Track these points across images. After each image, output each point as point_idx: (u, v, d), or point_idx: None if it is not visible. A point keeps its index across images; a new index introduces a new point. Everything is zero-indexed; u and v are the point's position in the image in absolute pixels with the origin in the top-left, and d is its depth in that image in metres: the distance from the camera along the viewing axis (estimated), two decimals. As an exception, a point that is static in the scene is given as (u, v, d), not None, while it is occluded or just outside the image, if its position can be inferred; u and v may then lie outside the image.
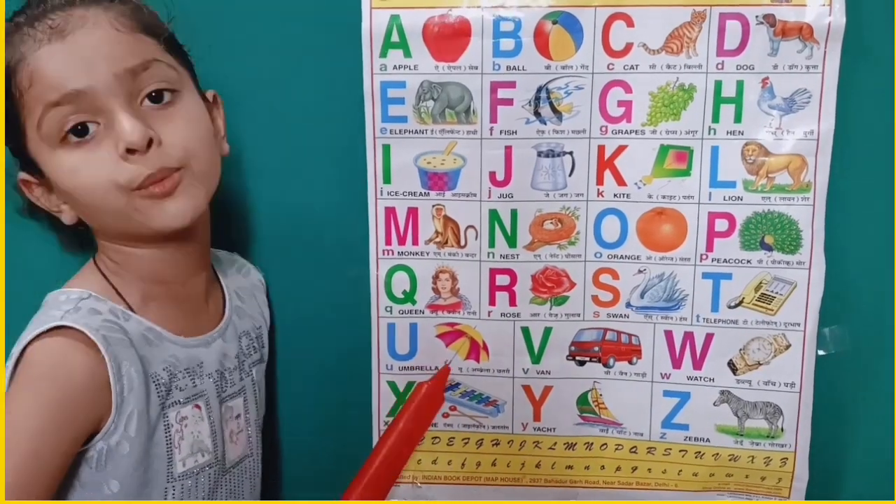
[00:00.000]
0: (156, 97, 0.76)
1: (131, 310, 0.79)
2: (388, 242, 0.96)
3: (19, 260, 0.95)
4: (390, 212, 0.96)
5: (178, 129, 0.77)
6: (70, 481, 0.74)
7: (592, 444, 1.00)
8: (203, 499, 0.82)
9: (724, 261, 0.94)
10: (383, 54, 0.91)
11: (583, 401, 0.99)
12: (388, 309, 0.98)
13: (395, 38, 0.90)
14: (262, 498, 0.94)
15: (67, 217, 0.80)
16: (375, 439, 1.00)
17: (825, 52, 0.87)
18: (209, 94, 0.86)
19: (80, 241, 0.89)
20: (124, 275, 0.81)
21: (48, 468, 0.69)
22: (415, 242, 0.96)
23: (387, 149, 0.94)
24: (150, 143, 0.74)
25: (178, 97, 0.78)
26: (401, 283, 0.97)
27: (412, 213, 0.95)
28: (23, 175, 0.80)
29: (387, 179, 0.95)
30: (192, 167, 0.77)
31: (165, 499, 0.79)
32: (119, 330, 0.76)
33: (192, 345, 0.83)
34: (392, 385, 0.99)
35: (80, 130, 0.74)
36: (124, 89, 0.74)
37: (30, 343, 0.73)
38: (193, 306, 0.86)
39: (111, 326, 0.75)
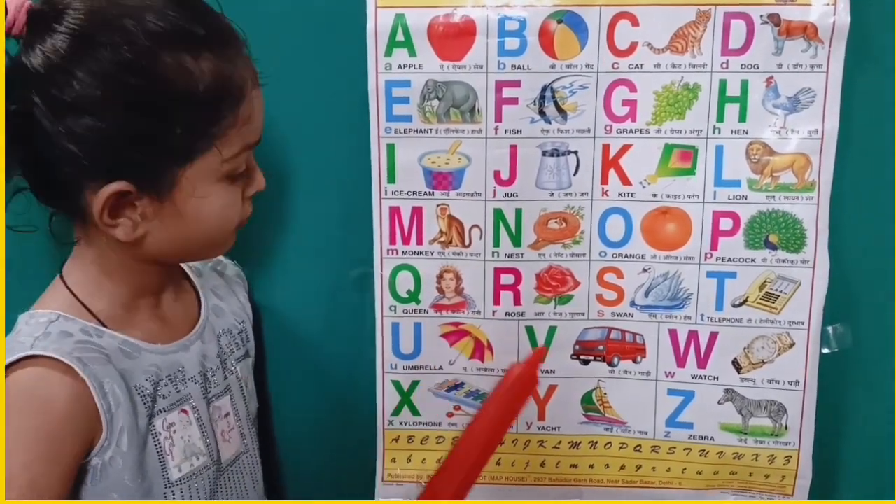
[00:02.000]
0: None
1: (103, 325, 0.77)
2: (393, 242, 0.96)
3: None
4: (395, 211, 0.95)
5: None
6: (73, 496, 0.74)
7: (597, 442, 1.00)
8: (207, 500, 0.82)
9: (729, 259, 0.94)
10: (388, 53, 0.91)
11: (587, 400, 0.99)
12: (393, 308, 0.98)
13: (399, 37, 0.91)
14: (269, 496, 0.94)
15: (128, 234, 0.74)
16: (380, 438, 1.00)
17: (829, 51, 0.87)
18: None
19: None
20: (96, 288, 0.78)
21: (49, 494, 0.70)
22: (419, 242, 0.96)
23: (391, 148, 0.94)
24: None
25: None
26: (405, 282, 0.97)
27: (416, 212, 0.95)
28: (124, 185, 0.71)
29: (391, 179, 0.95)
30: None
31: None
32: (94, 348, 0.74)
33: (170, 351, 0.81)
34: (396, 384, 0.99)
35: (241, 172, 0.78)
36: None
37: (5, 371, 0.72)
38: (167, 313, 0.84)
39: (85, 346, 0.74)
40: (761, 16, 0.87)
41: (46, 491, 0.70)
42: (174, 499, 0.79)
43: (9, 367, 0.72)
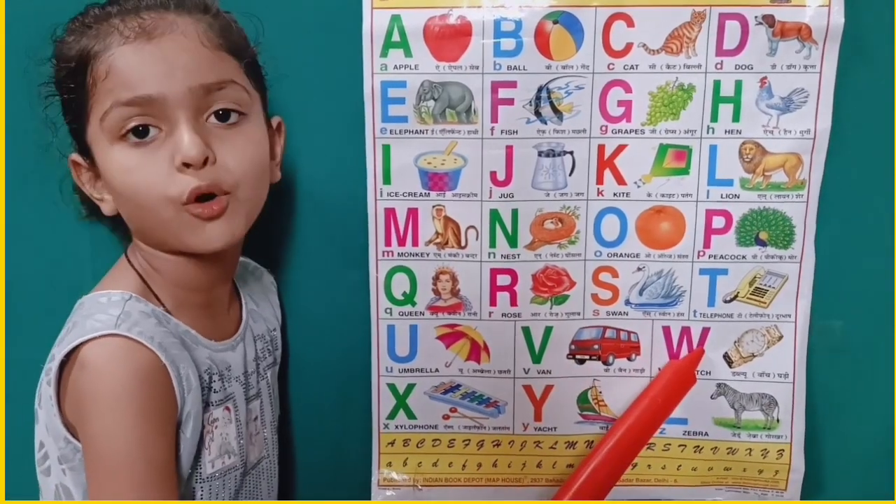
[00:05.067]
0: (222, 115, 0.76)
1: (168, 312, 0.78)
2: (388, 244, 0.95)
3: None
4: (390, 213, 0.95)
5: (237, 151, 0.76)
6: None
7: (593, 442, 1.00)
8: (228, 500, 0.81)
9: (721, 257, 0.95)
10: (384, 54, 0.90)
11: (583, 399, 0.99)
12: (388, 311, 0.97)
13: (395, 37, 0.90)
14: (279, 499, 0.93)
15: (107, 208, 0.80)
16: (375, 442, 1.00)
17: (823, 52, 0.89)
18: (274, 121, 0.86)
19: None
20: (156, 277, 0.80)
21: (168, 472, 0.71)
22: (415, 243, 0.95)
23: (387, 149, 0.93)
24: (206, 160, 0.74)
25: (245, 120, 0.78)
26: (400, 284, 0.96)
27: (412, 213, 0.95)
28: (75, 156, 0.80)
29: (387, 180, 0.94)
30: (240, 193, 0.77)
31: (195, 500, 0.78)
32: (170, 333, 0.75)
33: (220, 349, 0.82)
34: (392, 387, 0.99)
35: (142, 132, 0.73)
36: (194, 103, 0.74)
37: (79, 348, 0.71)
38: (218, 312, 0.85)
39: (164, 330, 0.74)
40: (756, 17, 0.89)
41: (164, 468, 0.71)
42: (202, 493, 0.78)
43: (90, 342, 0.71)
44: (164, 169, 0.73)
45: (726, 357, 0.98)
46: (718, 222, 0.94)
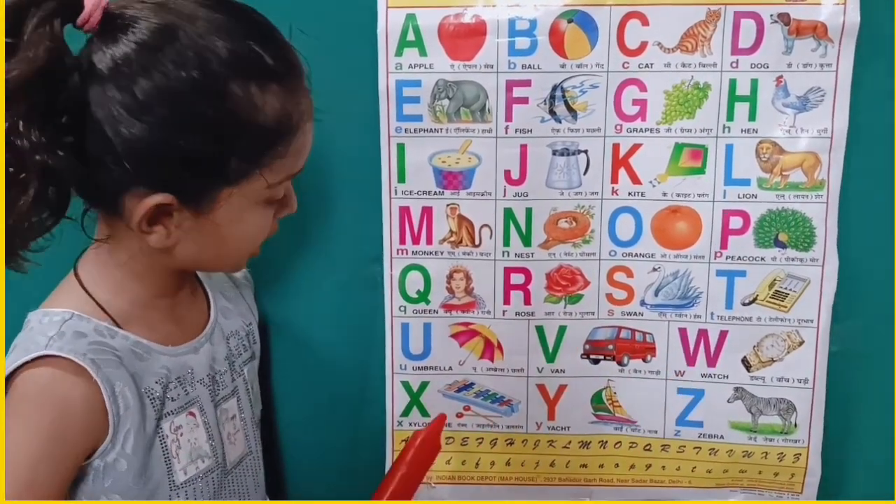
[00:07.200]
0: None
1: (117, 325, 0.77)
2: (403, 242, 0.96)
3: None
4: (404, 211, 0.95)
5: None
6: (71, 494, 0.75)
7: (607, 442, 1.00)
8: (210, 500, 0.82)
9: (739, 258, 0.94)
10: (399, 53, 0.91)
11: (597, 399, 0.99)
12: (402, 309, 0.98)
13: (410, 36, 0.91)
14: (276, 497, 0.93)
15: (161, 241, 0.74)
16: (389, 439, 1.00)
17: (839, 50, 0.88)
18: None
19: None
20: (117, 287, 0.78)
21: (45, 494, 0.71)
22: (429, 242, 0.96)
23: (401, 148, 0.94)
24: None
25: None
26: (415, 282, 0.97)
27: (426, 212, 0.95)
28: (168, 198, 0.71)
29: (401, 179, 0.95)
30: None
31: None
32: (107, 350, 0.74)
33: (180, 353, 0.81)
34: (406, 385, 0.99)
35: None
36: None
37: (16, 371, 0.72)
38: (178, 313, 0.84)
39: (98, 348, 0.74)
40: (771, 15, 0.88)
41: (45, 491, 0.71)
42: (179, 500, 0.79)
43: (23, 366, 0.72)
44: (271, 219, 0.80)
45: (745, 361, 0.96)
46: (735, 223, 0.93)
